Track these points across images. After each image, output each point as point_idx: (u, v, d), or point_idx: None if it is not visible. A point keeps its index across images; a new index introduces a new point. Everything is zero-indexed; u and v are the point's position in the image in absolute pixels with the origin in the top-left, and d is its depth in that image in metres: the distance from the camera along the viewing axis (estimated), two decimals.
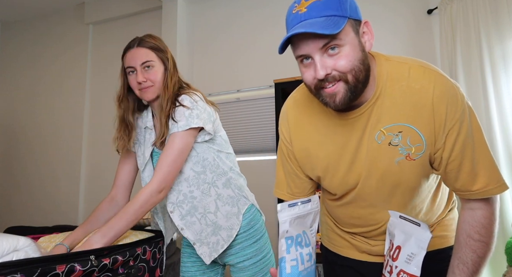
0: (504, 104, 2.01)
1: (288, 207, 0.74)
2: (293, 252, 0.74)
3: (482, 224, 0.80)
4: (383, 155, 0.82)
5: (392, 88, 0.80)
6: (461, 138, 0.77)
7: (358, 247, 1.00)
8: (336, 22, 0.70)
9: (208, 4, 3.24)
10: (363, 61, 0.75)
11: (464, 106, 0.77)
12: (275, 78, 2.66)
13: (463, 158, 0.77)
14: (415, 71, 0.79)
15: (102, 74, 3.54)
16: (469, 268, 0.79)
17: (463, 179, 0.79)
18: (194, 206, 1.20)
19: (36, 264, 0.77)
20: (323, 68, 0.72)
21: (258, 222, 1.26)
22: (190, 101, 1.15)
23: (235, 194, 1.23)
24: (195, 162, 1.20)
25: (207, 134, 1.19)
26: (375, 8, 2.61)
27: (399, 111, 0.79)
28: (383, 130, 0.81)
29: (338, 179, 0.90)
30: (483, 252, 0.79)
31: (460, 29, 2.21)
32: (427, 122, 0.77)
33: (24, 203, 3.64)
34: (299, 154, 0.94)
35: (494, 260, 1.95)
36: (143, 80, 1.17)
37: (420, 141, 0.79)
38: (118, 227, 1.04)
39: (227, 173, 1.23)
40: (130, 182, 1.33)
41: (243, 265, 1.21)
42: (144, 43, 1.20)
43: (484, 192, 0.78)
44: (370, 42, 0.77)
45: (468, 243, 0.80)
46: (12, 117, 3.87)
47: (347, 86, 0.74)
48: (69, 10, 3.77)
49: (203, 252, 1.20)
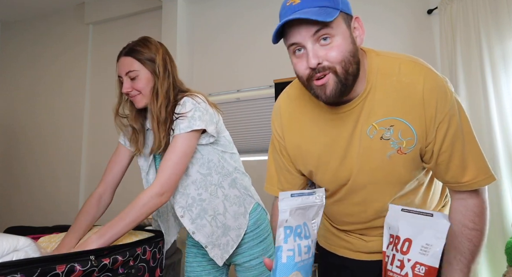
0: (504, 104, 2.01)
1: (291, 196, 0.73)
2: (291, 242, 0.72)
3: (475, 212, 0.81)
4: (375, 149, 0.83)
5: (383, 83, 0.81)
6: (451, 131, 0.78)
7: (353, 245, 1.00)
8: (329, 12, 0.72)
9: (208, 4, 3.24)
10: (354, 53, 0.76)
11: (453, 100, 0.79)
12: (275, 78, 2.66)
13: (453, 151, 0.79)
14: (406, 66, 0.81)
15: (102, 74, 3.54)
16: (466, 258, 0.80)
17: (453, 171, 0.81)
18: (203, 208, 1.19)
19: (36, 264, 0.77)
20: (315, 57, 0.73)
21: (264, 222, 1.26)
22: (193, 103, 1.14)
23: (241, 194, 1.23)
24: (201, 164, 1.19)
25: (211, 136, 1.18)
26: (375, 8, 2.61)
27: (390, 105, 0.80)
28: (375, 125, 0.82)
29: (330, 174, 0.91)
30: (478, 240, 0.80)
31: (460, 29, 2.21)
32: (417, 116, 0.79)
33: (24, 203, 3.64)
34: (291, 149, 0.95)
35: (494, 260, 1.95)
36: (129, 89, 1.16)
37: (411, 134, 0.80)
38: (116, 228, 1.02)
39: (232, 174, 1.23)
40: (118, 181, 1.30)
41: (249, 264, 1.21)
42: (131, 51, 1.17)
43: (473, 184, 0.79)
44: (361, 38, 0.79)
45: (463, 233, 0.80)
46: (12, 117, 3.88)
47: (337, 78, 0.75)
48: (69, 10, 3.78)
49: (215, 255, 1.19)
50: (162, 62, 1.18)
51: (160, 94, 1.15)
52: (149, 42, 1.20)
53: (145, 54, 1.16)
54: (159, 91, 1.16)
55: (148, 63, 1.16)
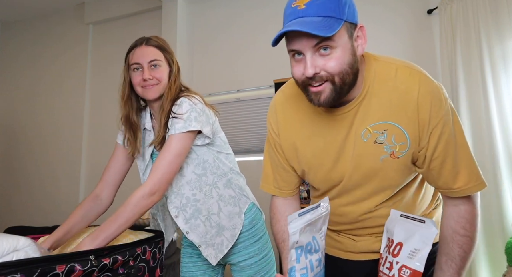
0: (504, 104, 2.01)
1: (298, 216, 0.73)
2: (303, 261, 0.75)
3: (466, 219, 0.82)
4: (369, 153, 0.84)
5: (379, 88, 0.82)
6: (444, 137, 0.79)
7: (343, 244, 1.01)
8: (332, 24, 0.71)
9: (208, 4, 3.24)
10: (352, 65, 0.76)
11: (447, 107, 0.80)
12: (275, 78, 2.67)
13: (446, 157, 0.80)
14: (402, 72, 0.82)
15: (102, 74, 3.54)
16: (457, 264, 0.81)
17: (445, 177, 0.82)
18: (197, 209, 1.20)
19: (36, 264, 0.77)
20: (312, 67, 0.73)
21: (259, 221, 1.27)
22: (189, 104, 1.15)
23: (236, 194, 1.23)
24: (196, 165, 1.20)
25: (206, 137, 1.19)
26: (375, 8, 2.61)
27: (385, 110, 0.81)
28: (369, 128, 0.83)
29: (322, 174, 0.92)
30: (469, 247, 0.81)
31: (460, 29, 2.21)
32: (411, 121, 0.80)
33: (24, 203, 3.64)
34: (286, 147, 0.96)
35: (494, 260, 1.96)
36: (149, 77, 1.17)
37: (404, 139, 0.81)
38: (108, 230, 1.01)
39: (228, 174, 1.23)
40: (118, 181, 1.30)
41: (244, 264, 1.22)
42: (153, 42, 1.21)
43: (465, 190, 0.81)
44: (362, 47, 0.79)
45: (454, 239, 0.82)
46: (12, 117, 3.88)
47: (333, 87, 0.76)
48: (69, 10, 3.78)
49: (208, 254, 1.20)
50: (176, 61, 1.26)
51: (173, 89, 1.20)
52: (166, 41, 1.27)
53: (167, 50, 1.24)
54: (172, 86, 1.20)
55: (168, 58, 1.23)
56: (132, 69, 1.20)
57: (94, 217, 1.24)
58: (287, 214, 0.94)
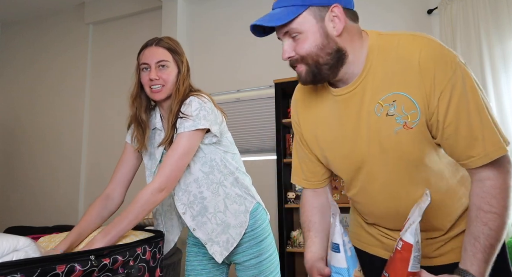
0: (504, 104, 2.01)
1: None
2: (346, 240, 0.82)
3: (491, 194, 0.75)
4: (383, 127, 0.82)
5: (383, 60, 0.82)
6: (455, 101, 0.76)
7: (385, 244, 0.99)
8: (287, 13, 0.78)
9: (208, 4, 3.24)
10: (324, 46, 0.79)
11: (455, 67, 0.76)
12: (275, 78, 2.67)
13: (459, 123, 0.76)
14: (404, 40, 0.81)
15: (102, 74, 3.54)
16: (481, 243, 0.75)
17: (462, 145, 0.77)
18: (204, 206, 1.21)
19: (36, 264, 0.77)
20: (286, 52, 0.83)
21: (264, 222, 1.28)
22: (199, 102, 1.17)
23: (242, 193, 1.25)
24: (203, 163, 1.21)
25: (214, 136, 1.21)
26: (375, 8, 2.62)
27: (390, 80, 0.80)
28: (380, 102, 0.82)
29: (342, 158, 0.91)
30: (496, 224, 0.74)
31: (460, 29, 2.21)
32: (417, 87, 0.78)
33: (24, 203, 3.65)
34: (307, 136, 0.98)
35: None
36: (156, 77, 1.19)
37: (414, 107, 0.79)
38: (119, 226, 1.05)
39: (234, 173, 1.25)
40: (128, 180, 1.32)
41: (249, 263, 1.23)
42: (163, 43, 1.23)
43: (484, 157, 0.75)
44: (337, 28, 0.80)
45: (478, 216, 0.76)
46: (12, 117, 3.88)
47: (308, 67, 0.82)
48: (69, 10, 3.78)
49: (214, 251, 1.21)
50: (186, 62, 1.27)
51: (181, 90, 1.21)
52: (178, 42, 1.28)
53: (178, 51, 1.24)
54: (181, 88, 1.21)
55: (178, 59, 1.24)
56: (141, 69, 1.22)
57: (107, 216, 1.26)
58: (315, 205, 1.00)
